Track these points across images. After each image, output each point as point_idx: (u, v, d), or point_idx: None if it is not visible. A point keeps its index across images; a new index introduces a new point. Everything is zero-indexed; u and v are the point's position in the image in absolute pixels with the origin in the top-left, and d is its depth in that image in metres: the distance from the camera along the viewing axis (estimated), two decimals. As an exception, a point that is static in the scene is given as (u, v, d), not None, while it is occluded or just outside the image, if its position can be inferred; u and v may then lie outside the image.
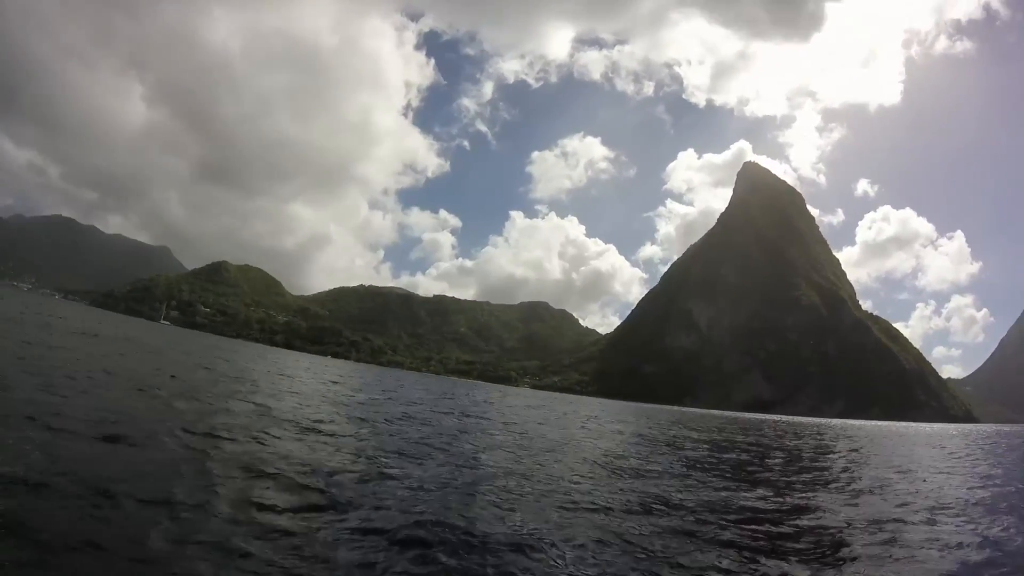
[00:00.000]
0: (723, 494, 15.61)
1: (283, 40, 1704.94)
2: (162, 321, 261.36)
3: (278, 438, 15.04)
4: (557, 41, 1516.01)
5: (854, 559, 10.05)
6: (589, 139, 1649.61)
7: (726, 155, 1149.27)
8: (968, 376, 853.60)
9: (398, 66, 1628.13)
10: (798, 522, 12.78)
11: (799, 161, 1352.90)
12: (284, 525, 8.41)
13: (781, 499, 15.65)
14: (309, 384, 41.04)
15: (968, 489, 19.95)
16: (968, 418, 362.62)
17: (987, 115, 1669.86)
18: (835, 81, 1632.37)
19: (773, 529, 11.81)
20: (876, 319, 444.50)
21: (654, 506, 12.92)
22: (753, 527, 11.69)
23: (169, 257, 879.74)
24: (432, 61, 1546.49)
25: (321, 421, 19.72)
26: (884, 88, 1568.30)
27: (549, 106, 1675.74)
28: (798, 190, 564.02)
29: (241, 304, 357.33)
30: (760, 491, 16.69)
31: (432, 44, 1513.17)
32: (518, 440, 24.03)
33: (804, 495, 16.87)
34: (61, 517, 7.32)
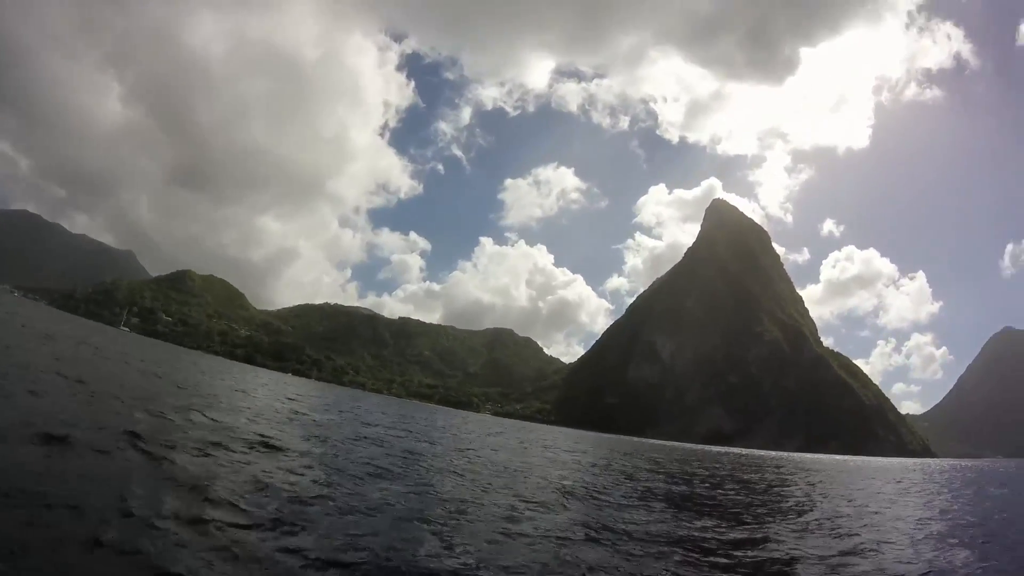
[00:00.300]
0: (667, 524, 15.66)
1: (265, 49, 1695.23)
2: (122, 327, 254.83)
3: (225, 451, 14.81)
4: (537, 71, 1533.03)
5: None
6: (563, 169, 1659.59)
7: (696, 191, 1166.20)
8: (926, 412, 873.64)
9: (378, 85, 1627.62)
10: (741, 552, 12.84)
11: (767, 200, 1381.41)
12: (208, 539, 8.28)
13: (727, 529, 15.75)
14: (263, 400, 40.43)
15: (918, 521, 20.27)
16: (926, 453, 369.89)
17: (952, 161, 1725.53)
18: (806, 123, 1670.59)
19: (715, 559, 11.86)
20: (836, 355, 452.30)
21: (594, 533, 12.93)
22: (695, 556, 11.75)
23: (133, 261, 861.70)
24: (412, 83, 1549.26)
25: (269, 437, 19.39)
26: (853, 132, 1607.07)
27: (525, 134, 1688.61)
28: (765, 228, 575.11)
29: (203, 315, 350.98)
30: (706, 521, 16.79)
31: (413, 66, 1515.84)
32: (469, 466, 23.88)
33: (752, 526, 16.95)
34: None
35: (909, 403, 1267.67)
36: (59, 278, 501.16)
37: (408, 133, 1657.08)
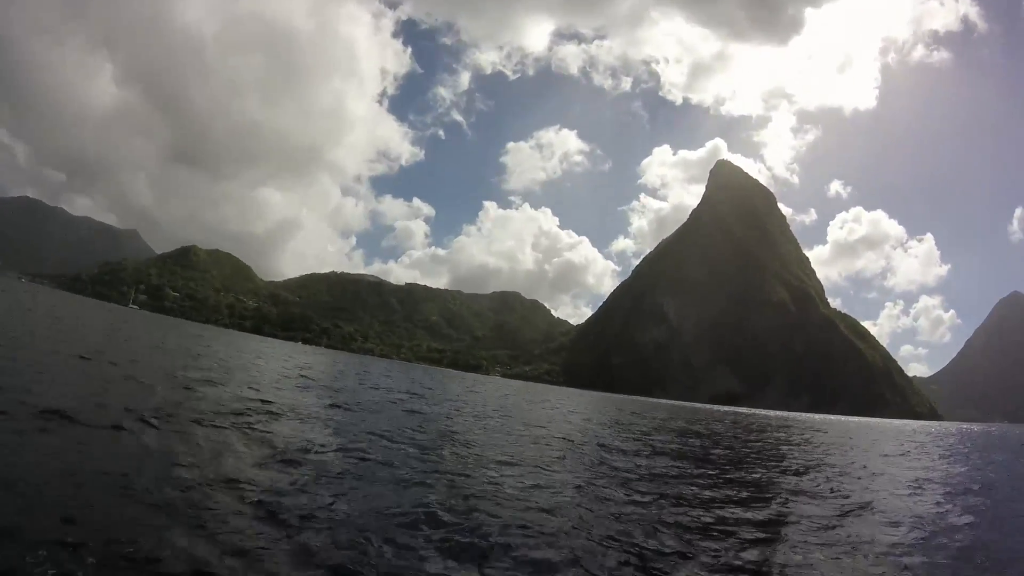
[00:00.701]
0: (657, 479, 15.99)
1: (258, 23, 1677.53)
2: (131, 305, 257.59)
3: (243, 419, 15.33)
4: (536, 34, 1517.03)
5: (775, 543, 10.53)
6: (565, 132, 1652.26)
7: (701, 152, 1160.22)
8: (934, 375, 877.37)
9: (374, 53, 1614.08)
10: (724, 509, 13.16)
11: (773, 161, 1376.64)
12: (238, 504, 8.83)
13: (720, 485, 16.04)
14: (274, 367, 41.07)
15: (912, 483, 20.45)
16: (933, 416, 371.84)
17: (960, 123, 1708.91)
18: (811, 84, 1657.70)
19: (701, 516, 12.18)
20: (844, 317, 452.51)
21: (587, 485, 13.33)
22: (678, 512, 12.14)
23: (137, 240, 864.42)
24: (409, 49, 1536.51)
25: (273, 403, 19.86)
26: (860, 93, 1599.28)
27: (525, 98, 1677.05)
28: (771, 189, 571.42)
29: (210, 289, 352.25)
30: (698, 479, 17.08)
31: (409, 32, 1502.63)
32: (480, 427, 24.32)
33: (741, 483, 17.26)
34: None
35: (917, 365, 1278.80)
36: (64, 262, 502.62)
37: (407, 100, 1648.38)
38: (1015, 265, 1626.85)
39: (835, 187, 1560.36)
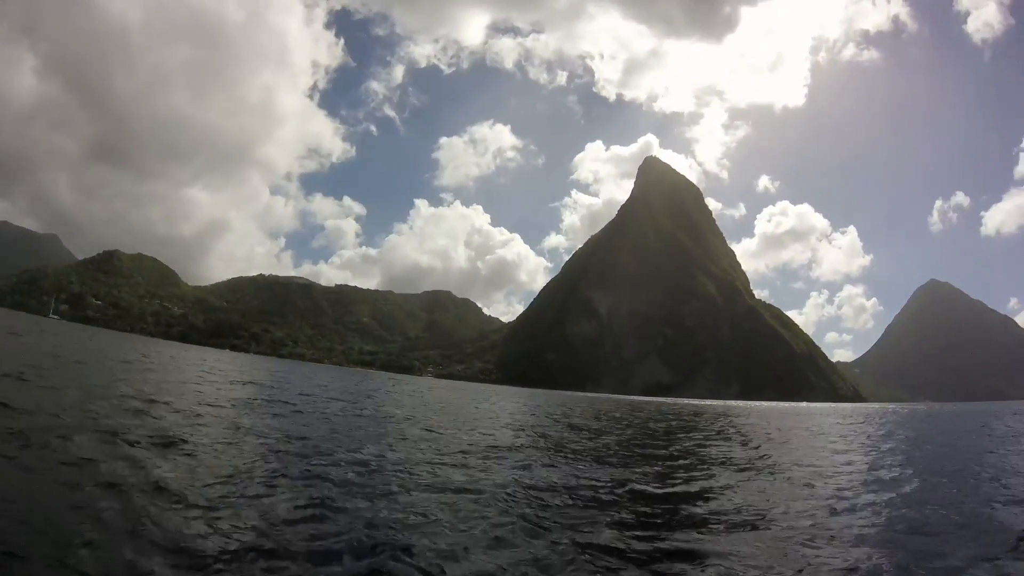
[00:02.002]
0: (561, 469, 15.80)
1: (185, 12, 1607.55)
2: (51, 315, 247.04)
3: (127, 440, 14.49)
4: (472, 27, 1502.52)
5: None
6: (499, 127, 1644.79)
7: (633, 148, 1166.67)
8: (857, 359, 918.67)
9: (306, 44, 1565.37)
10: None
11: (704, 156, 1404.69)
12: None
13: (613, 472, 15.52)
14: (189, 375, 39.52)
15: (816, 462, 20.91)
16: (856, 398, 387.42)
17: (885, 121, 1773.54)
18: (744, 81, 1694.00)
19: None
20: (768, 307, 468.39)
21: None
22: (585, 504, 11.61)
23: (58, 245, 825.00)
24: (341, 41, 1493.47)
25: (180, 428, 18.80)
26: (790, 90, 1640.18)
27: (460, 92, 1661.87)
28: (702, 184, 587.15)
29: (135, 296, 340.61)
30: (605, 467, 16.94)
31: (343, 23, 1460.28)
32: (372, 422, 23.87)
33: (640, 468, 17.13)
34: None
35: (841, 351, 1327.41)
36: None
37: (339, 94, 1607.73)
38: (934, 254, 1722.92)
39: (763, 182, 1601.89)
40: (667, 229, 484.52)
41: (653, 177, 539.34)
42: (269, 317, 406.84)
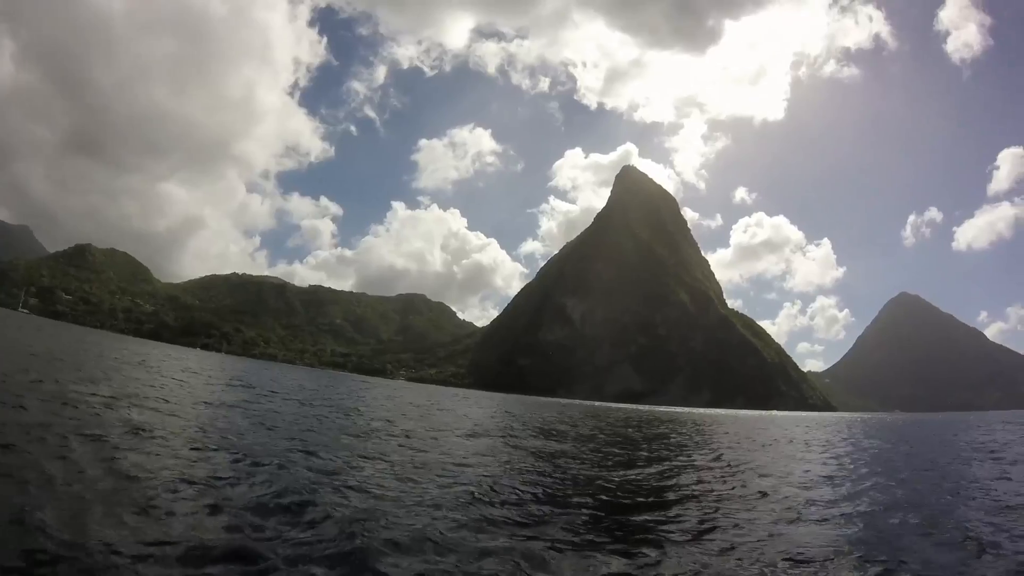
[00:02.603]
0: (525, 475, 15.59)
1: (169, 4, 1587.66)
2: (20, 309, 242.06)
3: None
4: (456, 30, 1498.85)
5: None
6: (479, 131, 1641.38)
7: (612, 156, 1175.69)
8: (828, 369, 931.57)
9: (288, 41, 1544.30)
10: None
11: (683, 166, 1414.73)
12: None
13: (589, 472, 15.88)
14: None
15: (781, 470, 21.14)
16: (826, 407, 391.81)
17: (862, 135, 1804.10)
18: (724, 94, 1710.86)
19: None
20: (740, 316, 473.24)
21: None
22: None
23: (30, 238, 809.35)
24: (325, 39, 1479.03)
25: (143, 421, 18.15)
26: (770, 104, 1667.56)
27: (441, 95, 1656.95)
28: (679, 194, 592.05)
29: (106, 291, 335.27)
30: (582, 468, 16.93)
31: (326, 21, 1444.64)
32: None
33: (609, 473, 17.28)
34: None
35: (813, 361, 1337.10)
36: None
37: (320, 93, 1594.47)
38: (905, 268, 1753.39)
39: (740, 193, 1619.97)
40: (643, 238, 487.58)
41: (630, 186, 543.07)
42: (241, 316, 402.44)
